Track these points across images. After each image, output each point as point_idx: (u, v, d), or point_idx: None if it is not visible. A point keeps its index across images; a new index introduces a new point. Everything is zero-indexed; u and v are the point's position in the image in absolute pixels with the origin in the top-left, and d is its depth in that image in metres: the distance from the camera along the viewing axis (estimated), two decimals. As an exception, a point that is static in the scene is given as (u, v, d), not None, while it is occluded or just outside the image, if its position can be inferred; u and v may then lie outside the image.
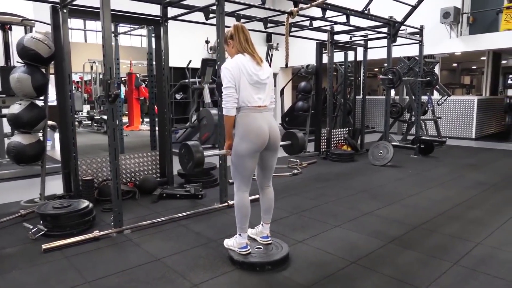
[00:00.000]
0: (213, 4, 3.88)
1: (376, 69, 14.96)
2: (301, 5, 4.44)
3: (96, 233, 3.11)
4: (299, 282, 2.41)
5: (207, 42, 10.87)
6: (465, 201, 4.15)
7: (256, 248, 2.76)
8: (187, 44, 9.95)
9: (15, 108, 3.75)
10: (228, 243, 2.79)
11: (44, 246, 2.88)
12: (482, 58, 11.15)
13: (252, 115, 2.54)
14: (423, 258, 2.76)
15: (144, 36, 11.98)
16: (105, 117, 9.94)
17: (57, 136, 7.08)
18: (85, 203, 3.41)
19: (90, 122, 10.22)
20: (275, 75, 13.41)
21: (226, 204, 3.95)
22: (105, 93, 3.06)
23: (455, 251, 2.88)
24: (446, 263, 2.67)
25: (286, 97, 10.61)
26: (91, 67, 11.74)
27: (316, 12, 5.32)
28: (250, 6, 4.43)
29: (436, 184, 4.92)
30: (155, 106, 4.95)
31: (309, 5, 4.31)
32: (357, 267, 2.62)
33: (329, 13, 5.25)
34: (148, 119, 12.40)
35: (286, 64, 4.60)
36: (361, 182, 5.02)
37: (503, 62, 11.06)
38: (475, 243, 3.02)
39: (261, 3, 4.27)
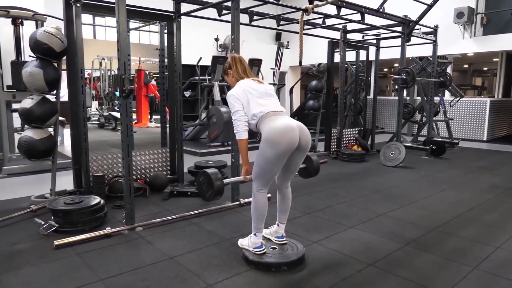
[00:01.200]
0: (227, 0, 3.82)
1: (385, 69, 14.82)
2: (316, 2, 4.39)
3: (108, 230, 3.07)
4: (316, 284, 2.35)
5: (216, 39, 10.82)
6: (480, 204, 4.07)
7: (271, 248, 2.71)
8: (196, 41, 9.92)
9: (27, 102, 3.72)
10: (243, 242, 2.74)
11: (56, 242, 2.84)
12: (495, 59, 10.98)
13: (274, 117, 2.50)
14: (442, 261, 2.69)
15: (153, 32, 12.01)
16: (113, 113, 9.96)
17: (66, 131, 7.09)
18: (96, 199, 3.37)
19: (97, 120, 10.24)
20: (283, 73, 13.34)
21: (238, 202, 3.90)
22: (119, 88, 3.02)
23: (474, 255, 2.81)
24: (465, 267, 2.60)
25: (294, 96, 10.55)
26: (100, 64, 11.76)
27: (330, 9, 5.26)
28: (266, 2, 4.37)
29: (450, 186, 4.84)
30: (166, 107, 4.91)
31: (324, 2, 4.26)
32: (374, 270, 2.56)
33: (343, 11, 5.18)
34: (156, 116, 12.43)
35: (300, 62, 4.56)
36: (373, 183, 4.95)
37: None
38: (494, 247, 2.94)
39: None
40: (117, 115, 9.99)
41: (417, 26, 6.13)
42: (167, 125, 4.94)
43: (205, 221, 3.47)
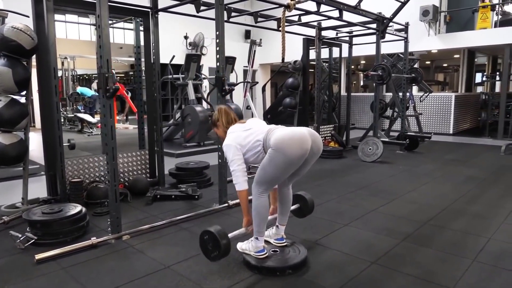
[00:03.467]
0: (211, -5, 3.69)
1: (352, 66, 15.10)
2: (298, -2, 4.32)
3: (93, 240, 2.86)
4: (324, 286, 2.28)
5: (185, 37, 10.55)
6: (462, 196, 4.18)
7: (272, 251, 2.62)
8: (165, 39, 9.61)
9: (-6, 104, 3.41)
10: (243, 246, 2.63)
11: (37, 256, 2.60)
12: (455, 56, 11.47)
13: (278, 129, 2.42)
14: (441, 255, 2.71)
15: (117, 29, 11.53)
16: (79, 115, 9.49)
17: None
18: (77, 208, 3.13)
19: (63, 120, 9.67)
20: (254, 71, 13.24)
21: (226, 204, 3.77)
22: (102, 88, 2.81)
23: (469, 247, 2.85)
24: (465, 260, 2.62)
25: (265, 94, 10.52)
26: (62, 63, 11.17)
27: (307, 6, 5.20)
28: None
29: (430, 179, 4.95)
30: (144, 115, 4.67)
31: (307, -2, 4.21)
32: (378, 268, 2.53)
33: (320, 8, 5.14)
34: (123, 117, 11.95)
35: (283, 59, 4.48)
36: (357, 179, 4.97)
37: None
38: (486, 238, 3.00)
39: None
40: (84, 116, 9.53)
41: (390, 23, 6.22)
42: (145, 126, 4.72)
43: (195, 225, 3.32)
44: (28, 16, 4.36)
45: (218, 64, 3.60)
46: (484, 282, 2.35)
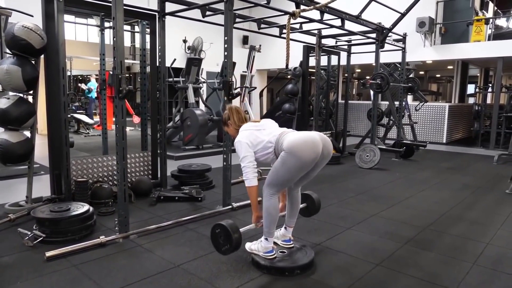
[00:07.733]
0: (220, 1, 3.76)
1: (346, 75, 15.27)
2: (303, 7, 4.42)
3: (102, 238, 2.89)
4: (333, 286, 2.35)
5: (184, 41, 10.61)
6: (459, 202, 4.29)
7: (280, 252, 2.68)
8: (166, 43, 9.66)
9: (3, 102, 3.43)
10: (252, 247, 2.68)
11: (48, 253, 2.63)
12: (449, 67, 11.71)
13: (291, 132, 2.50)
14: (442, 258, 2.80)
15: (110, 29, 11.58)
16: (76, 115, 9.46)
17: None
18: (85, 207, 3.16)
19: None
20: (252, 77, 13.33)
21: (230, 207, 3.82)
22: (115, 89, 2.86)
23: (469, 251, 2.95)
24: (465, 264, 2.71)
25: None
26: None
27: (310, 14, 5.31)
28: (256, 4, 4.34)
29: (427, 186, 5.06)
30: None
31: (311, 7, 4.30)
32: (383, 270, 2.60)
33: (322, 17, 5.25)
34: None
35: (286, 66, 4.56)
36: (356, 185, 5.06)
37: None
38: (485, 243, 3.10)
39: (265, 2, 4.19)
40: (80, 117, 9.52)
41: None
42: (148, 128, 4.76)
43: (201, 226, 3.37)
44: (32, 16, 4.40)
45: (225, 68, 3.68)
46: (485, 284, 2.44)
